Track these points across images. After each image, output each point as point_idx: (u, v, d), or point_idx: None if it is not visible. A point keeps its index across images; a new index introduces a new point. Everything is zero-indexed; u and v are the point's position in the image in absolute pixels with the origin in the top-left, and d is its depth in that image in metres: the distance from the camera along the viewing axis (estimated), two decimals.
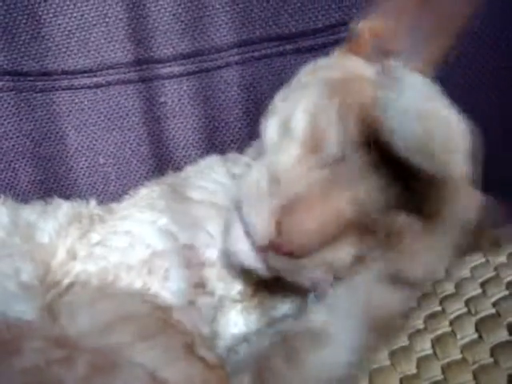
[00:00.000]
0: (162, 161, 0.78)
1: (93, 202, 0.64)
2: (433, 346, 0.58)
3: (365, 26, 0.57)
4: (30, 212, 0.60)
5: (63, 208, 0.61)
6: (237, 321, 0.55)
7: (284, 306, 0.56)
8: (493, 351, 0.55)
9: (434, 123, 0.40)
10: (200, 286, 0.52)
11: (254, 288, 0.56)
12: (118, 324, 0.46)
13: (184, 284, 0.51)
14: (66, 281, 0.51)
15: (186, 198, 0.57)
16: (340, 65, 0.57)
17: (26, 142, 0.77)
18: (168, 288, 0.50)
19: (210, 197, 0.57)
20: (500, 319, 0.57)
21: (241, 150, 0.74)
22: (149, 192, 0.61)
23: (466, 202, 0.46)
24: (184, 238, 0.53)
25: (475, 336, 0.57)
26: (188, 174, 0.63)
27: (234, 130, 0.77)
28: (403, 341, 0.60)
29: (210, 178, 0.59)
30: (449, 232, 0.45)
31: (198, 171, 0.62)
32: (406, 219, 0.45)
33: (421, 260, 0.46)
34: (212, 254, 0.54)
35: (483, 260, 0.69)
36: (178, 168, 0.74)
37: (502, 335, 0.55)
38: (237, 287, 0.54)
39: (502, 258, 0.68)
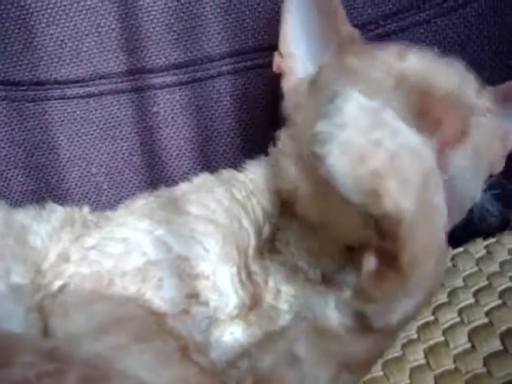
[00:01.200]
0: (154, 170, 0.78)
1: (86, 209, 0.65)
2: (426, 356, 0.59)
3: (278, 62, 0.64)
4: (24, 216, 0.61)
5: (57, 212, 0.62)
6: (234, 332, 0.55)
7: (283, 319, 0.56)
8: (486, 361, 0.55)
9: (379, 159, 0.38)
10: (193, 296, 0.52)
11: (253, 301, 0.56)
12: (113, 325, 0.46)
13: (177, 294, 0.51)
14: (59, 282, 0.51)
15: (185, 212, 0.57)
16: None
17: (18, 152, 0.77)
18: (161, 297, 0.51)
19: (210, 214, 0.57)
20: (493, 328, 0.58)
21: (233, 160, 0.75)
22: (147, 202, 0.61)
23: (431, 239, 0.42)
24: (179, 250, 0.54)
25: (468, 345, 0.57)
26: (186, 190, 0.63)
27: (227, 140, 0.76)
28: (396, 351, 0.61)
29: (210, 196, 0.60)
30: (419, 275, 0.41)
31: (197, 189, 0.62)
32: (375, 264, 0.43)
33: (393, 305, 0.43)
34: (206, 267, 0.54)
35: (476, 269, 0.69)
36: (170, 177, 0.75)
37: (495, 345, 0.55)
38: (233, 300, 0.55)
39: (495, 267, 0.68)
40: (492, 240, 0.73)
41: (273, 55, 0.64)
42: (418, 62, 0.53)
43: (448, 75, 0.53)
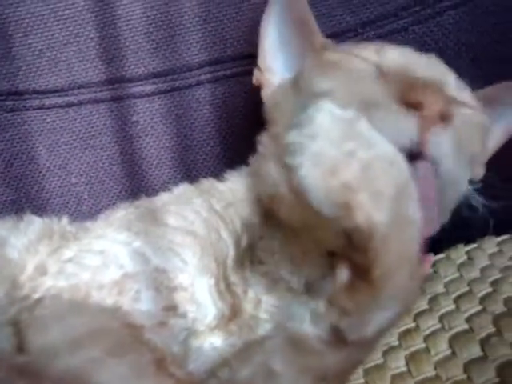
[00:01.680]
0: (134, 180, 0.77)
1: (65, 220, 0.64)
2: (407, 363, 0.59)
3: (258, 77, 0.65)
4: (1, 227, 0.60)
5: (35, 224, 0.61)
6: (214, 342, 0.54)
7: (263, 329, 0.56)
8: (466, 367, 0.55)
9: (351, 172, 0.38)
10: (171, 308, 0.52)
11: (232, 312, 0.56)
12: (88, 339, 0.45)
13: (154, 306, 0.51)
14: (35, 296, 0.51)
15: (163, 224, 0.57)
16: None
17: None
18: (138, 309, 0.50)
19: (188, 225, 0.57)
20: (473, 334, 0.58)
21: (214, 169, 0.75)
22: (127, 213, 0.60)
23: (404, 252, 0.41)
24: (157, 262, 0.53)
25: (448, 352, 0.58)
26: (165, 201, 0.62)
27: (207, 149, 0.76)
28: (378, 358, 0.61)
29: (189, 207, 0.59)
30: (391, 287, 0.41)
31: (177, 200, 0.62)
32: (347, 275, 0.43)
33: (366, 318, 0.42)
34: (184, 279, 0.54)
35: (457, 275, 0.70)
36: (150, 187, 0.75)
37: (475, 351, 0.56)
38: (212, 311, 0.54)
39: (476, 273, 0.68)
40: (473, 245, 0.74)
41: (252, 64, 0.65)
42: (397, 55, 0.55)
43: (428, 67, 0.54)
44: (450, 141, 0.49)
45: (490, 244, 0.73)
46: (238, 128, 0.74)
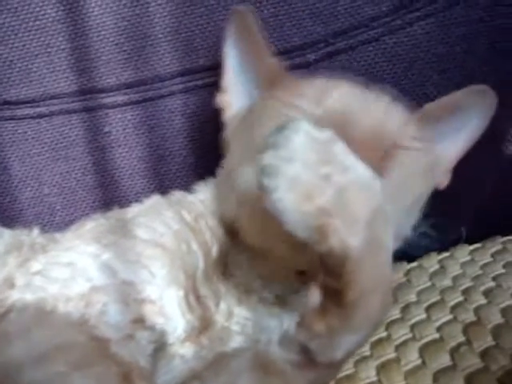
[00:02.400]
0: (107, 190, 0.77)
1: (36, 231, 0.64)
2: (378, 374, 0.59)
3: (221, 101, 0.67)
4: None
5: (4, 237, 0.62)
6: (184, 355, 0.54)
7: (235, 341, 0.56)
8: (435, 377, 0.55)
9: (327, 196, 0.38)
10: (139, 321, 0.52)
11: (203, 324, 0.55)
12: (53, 353, 0.45)
13: (122, 319, 0.51)
14: (1, 310, 0.50)
15: (132, 236, 0.57)
16: None
17: None
18: (105, 322, 0.50)
19: (158, 237, 0.57)
20: (443, 344, 0.58)
21: (186, 179, 0.75)
22: (97, 225, 0.60)
23: (377, 276, 0.41)
24: (124, 275, 0.53)
25: (419, 362, 0.58)
26: (136, 212, 0.62)
27: (180, 159, 0.76)
28: (349, 368, 0.61)
29: (159, 219, 0.59)
30: (364, 311, 0.41)
31: (147, 211, 0.62)
32: (319, 298, 0.43)
33: (337, 341, 0.42)
34: (152, 291, 0.53)
35: (429, 284, 0.70)
36: (123, 197, 0.74)
37: (445, 360, 0.56)
38: (181, 324, 0.54)
39: (448, 282, 0.69)
40: (446, 254, 0.74)
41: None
42: (338, 103, 0.54)
43: (370, 111, 0.53)
44: (387, 192, 0.48)
45: (463, 252, 0.73)
46: (211, 138, 0.74)
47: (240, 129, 0.61)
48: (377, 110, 0.55)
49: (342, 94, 0.55)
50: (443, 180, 0.62)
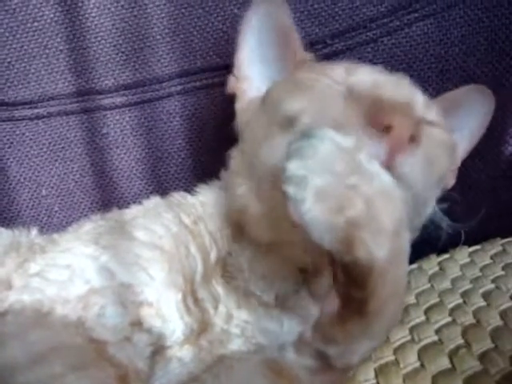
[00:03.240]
0: (105, 192, 0.77)
1: (34, 232, 0.64)
2: (376, 376, 0.58)
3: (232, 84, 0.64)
4: None
5: (2, 237, 0.62)
6: (183, 358, 0.54)
7: (235, 344, 0.56)
8: (434, 379, 0.55)
9: (356, 209, 0.37)
10: (137, 324, 0.51)
11: (201, 326, 0.55)
12: (49, 355, 0.44)
13: (119, 321, 0.50)
14: None
15: (131, 238, 0.56)
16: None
17: None
18: (103, 324, 0.49)
19: (157, 240, 0.57)
20: (442, 346, 0.58)
21: (185, 180, 0.74)
22: (95, 226, 0.60)
23: (398, 285, 0.41)
24: (123, 277, 0.53)
25: (417, 364, 0.57)
26: (135, 214, 0.62)
27: (177, 161, 0.76)
28: None
29: (158, 221, 0.59)
30: (383, 319, 0.41)
31: (146, 213, 0.61)
32: (336, 305, 0.42)
33: (355, 347, 0.42)
34: (150, 294, 0.53)
35: (428, 285, 0.70)
36: (121, 198, 0.74)
37: (444, 363, 0.55)
38: (179, 327, 0.54)
39: (447, 284, 0.68)
40: (445, 256, 0.74)
41: (222, 75, 0.65)
42: (366, 76, 0.53)
43: (397, 87, 0.53)
44: (419, 164, 0.48)
45: (462, 254, 0.73)
46: (209, 139, 0.74)
47: (264, 105, 0.58)
48: (403, 84, 0.54)
49: (368, 71, 0.55)
50: (450, 179, 0.61)
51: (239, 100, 0.63)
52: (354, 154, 0.39)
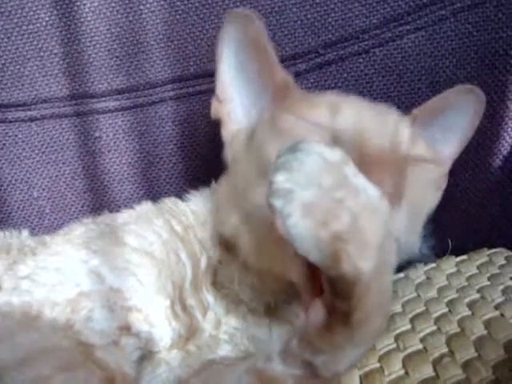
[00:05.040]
0: (96, 195, 0.78)
1: (25, 233, 0.64)
2: (361, 383, 0.59)
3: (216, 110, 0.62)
4: None
5: None
6: (170, 362, 0.54)
7: (223, 349, 0.56)
8: None
9: (342, 223, 0.37)
10: (125, 328, 0.52)
11: (190, 332, 0.55)
12: (36, 357, 0.45)
13: (107, 325, 0.51)
14: None
15: (122, 243, 0.57)
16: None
17: None
18: (91, 328, 0.50)
19: (147, 246, 0.57)
20: (426, 355, 0.58)
21: (176, 185, 0.75)
22: (86, 230, 0.60)
23: (383, 297, 0.41)
24: (112, 281, 0.53)
25: (402, 372, 0.58)
26: (127, 219, 0.62)
27: (169, 165, 0.77)
28: None
29: (149, 228, 0.59)
30: (368, 329, 0.41)
31: (138, 219, 0.62)
32: (322, 316, 0.42)
33: (341, 356, 0.42)
34: (139, 299, 0.53)
35: (415, 294, 0.70)
36: (112, 202, 0.74)
37: (427, 371, 0.56)
38: (166, 333, 0.54)
39: (433, 293, 0.69)
40: (432, 265, 0.75)
41: (214, 81, 0.65)
42: (350, 117, 0.52)
43: (382, 127, 0.52)
44: (403, 219, 0.49)
45: (449, 264, 0.74)
46: (201, 145, 0.74)
47: (250, 146, 0.57)
48: (388, 121, 0.54)
49: (352, 108, 0.53)
50: (441, 183, 0.61)
51: (224, 126, 0.62)
52: (341, 167, 0.39)
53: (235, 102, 0.61)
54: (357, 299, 0.39)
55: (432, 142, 0.59)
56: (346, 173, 0.39)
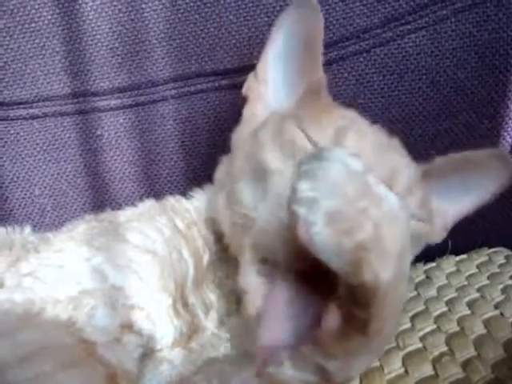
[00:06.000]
0: (98, 193, 0.78)
1: (27, 229, 0.64)
2: (361, 382, 0.59)
3: (249, 86, 0.61)
4: None
5: None
6: (173, 360, 0.54)
7: (226, 347, 0.56)
8: None
9: (365, 232, 0.37)
10: (127, 326, 0.52)
11: (191, 330, 0.56)
12: (38, 353, 0.45)
13: (109, 323, 0.51)
14: None
15: (125, 241, 0.56)
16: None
17: None
18: (93, 325, 0.50)
19: (149, 244, 0.57)
20: (426, 353, 0.58)
21: (177, 183, 0.75)
22: (89, 228, 0.60)
23: (398, 305, 0.42)
24: (114, 279, 0.53)
25: (402, 370, 0.58)
26: (130, 216, 0.62)
27: (170, 163, 0.77)
28: None
29: (152, 225, 0.59)
30: (383, 337, 0.42)
31: (140, 216, 0.62)
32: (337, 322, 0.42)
33: (354, 362, 0.42)
34: (141, 297, 0.53)
35: (415, 293, 0.70)
36: (114, 200, 0.75)
37: (427, 370, 0.56)
38: (168, 330, 0.54)
39: (433, 292, 0.69)
40: (432, 264, 0.75)
41: (216, 80, 0.65)
42: (352, 149, 0.50)
43: (381, 166, 0.51)
44: None
45: (449, 263, 0.74)
46: (202, 143, 0.75)
47: (254, 137, 0.57)
48: (388, 159, 0.53)
49: (357, 142, 0.52)
50: (439, 235, 0.61)
51: (250, 104, 0.62)
52: (364, 176, 0.39)
53: (272, 84, 0.61)
54: (375, 307, 0.39)
55: (444, 194, 0.58)
56: (369, 181, 0.39)
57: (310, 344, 0.43)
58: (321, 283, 0.42)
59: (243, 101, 0.62)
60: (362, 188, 0.38)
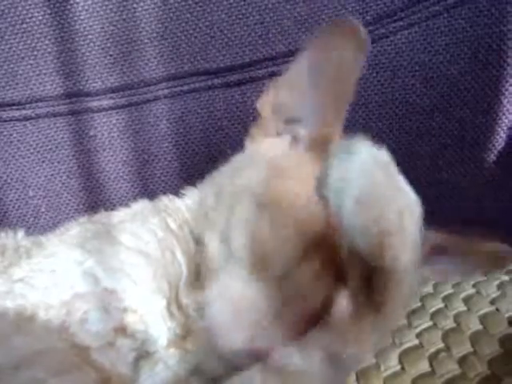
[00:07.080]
0: (92, 193, 0.78)
1: (20, 234, 0.64)
2: (357, 379, 0.58)
3: (264, 103, 0.59)
4: None
5: None
6: (167, 362, 0.54)
7: None
8: (414, 383, 0.55)
9: (391, 220, 0.40)
10: (120, 329, 0.51)
11: (186, 330, 0.55)
12: (31, 360, 0.45)
13: (103, 327, 0.50)
14: None
15: (117, 242, 0.56)
16: (256, 160, 0.58)
17: None
18: (86, 330, 0.49)
19: (142, 245, 0.56)
20: (422, 350, 0.58)
21: (170, 183, 0.75)
22: (82, 230, 0.59)
23: (408, 292, 0.44)
24: (106, 282, 0.52)
25: (398, 368, 0.57)
26: (123, 217, 0.61)
27: (164, 163, 0.77)
28: None
29: (145, 226, 0.58)
30: (393, 317, 0.44)
31: (133, 217, 0.61)
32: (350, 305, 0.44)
33: (368, 346, 0.44)
34: (134, 300, 0.53)
35: None
36: (108, 200, 0.74)
37: (424, 367, 0.56)
38: (162, 333, 0.54)
39: (429, 288, 0.69)
40: None
41: (208, 79, 0.65)
42: None
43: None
44: None
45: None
46: (195, 142, 0.74)
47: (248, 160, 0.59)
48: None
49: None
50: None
51: (267, 98, 0.59)
52: (389, 166, 0.41)
53: (290, 97, 0.59)
54: (392, 291, 0.41)
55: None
56: (392, 172, 0.41)
57: (319, 331, 0.44)
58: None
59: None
60: (388, 177, 0.41)
